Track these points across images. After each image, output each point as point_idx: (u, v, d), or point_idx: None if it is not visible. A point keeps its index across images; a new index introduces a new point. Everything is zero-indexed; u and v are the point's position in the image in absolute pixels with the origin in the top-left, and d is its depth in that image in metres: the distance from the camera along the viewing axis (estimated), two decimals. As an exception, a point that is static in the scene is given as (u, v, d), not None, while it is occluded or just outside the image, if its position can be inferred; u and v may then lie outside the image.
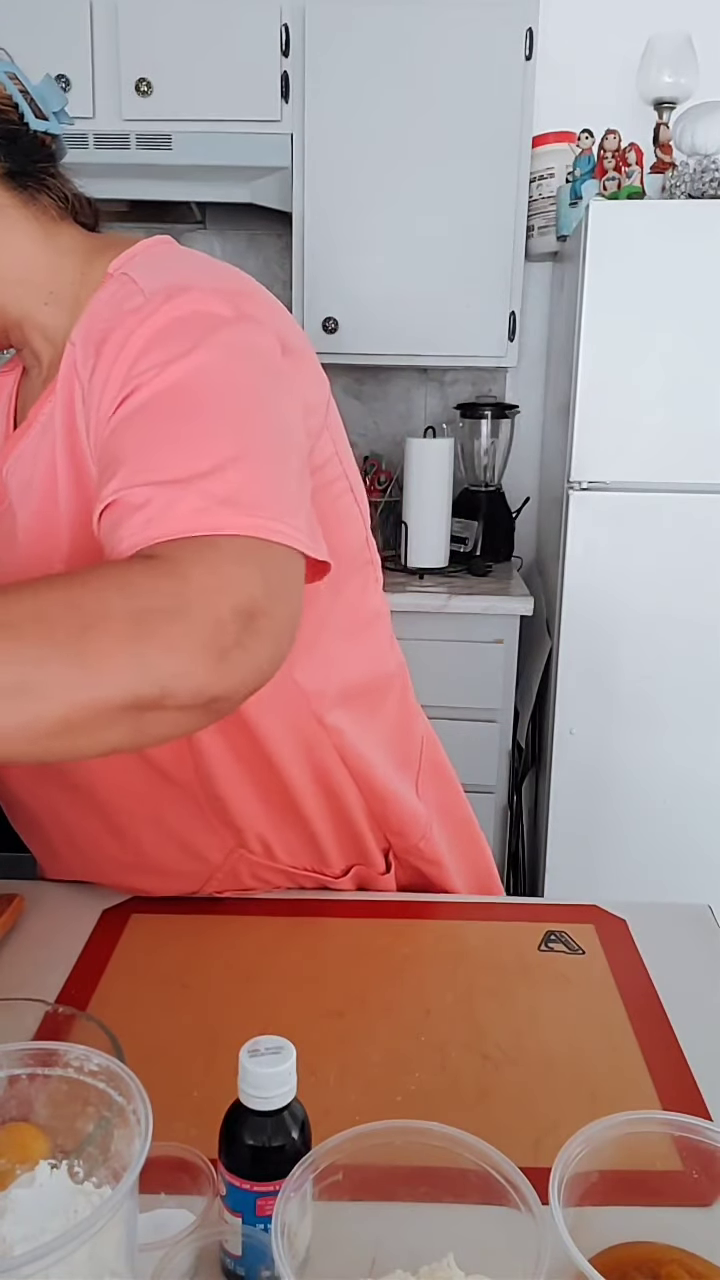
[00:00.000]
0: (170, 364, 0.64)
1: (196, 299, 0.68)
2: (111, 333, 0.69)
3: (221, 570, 0.57)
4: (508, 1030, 0.71)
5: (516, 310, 2.35)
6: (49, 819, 0.89)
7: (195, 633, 0.54)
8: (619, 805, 2.21)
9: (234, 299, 0.70)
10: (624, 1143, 0.49)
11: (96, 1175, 0.48)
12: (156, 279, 0.71)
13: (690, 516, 2.08)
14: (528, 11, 2.20)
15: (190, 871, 0.88)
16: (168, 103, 2.24)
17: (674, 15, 2.33)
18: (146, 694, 0.53)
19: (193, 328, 0.66)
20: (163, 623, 0.54)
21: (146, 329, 0.67)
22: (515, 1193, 0.45)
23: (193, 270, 0.74)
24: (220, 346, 0.66)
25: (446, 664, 2.22)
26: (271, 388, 0.68)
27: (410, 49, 2.22)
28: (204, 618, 0.55)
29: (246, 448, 0.63)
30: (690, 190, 2.01)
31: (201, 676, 0.55)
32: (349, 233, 2.32)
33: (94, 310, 0.73)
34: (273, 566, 0.60)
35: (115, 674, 0.52)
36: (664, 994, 0.76)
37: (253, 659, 0.57)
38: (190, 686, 0.54)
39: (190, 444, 0.62)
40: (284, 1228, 0.43)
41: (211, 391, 0.64)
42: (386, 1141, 0.49)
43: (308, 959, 0.80)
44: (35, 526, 0.75)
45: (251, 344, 0.69)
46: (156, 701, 0.54)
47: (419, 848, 0.93)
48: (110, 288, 0.74)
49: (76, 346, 0.73)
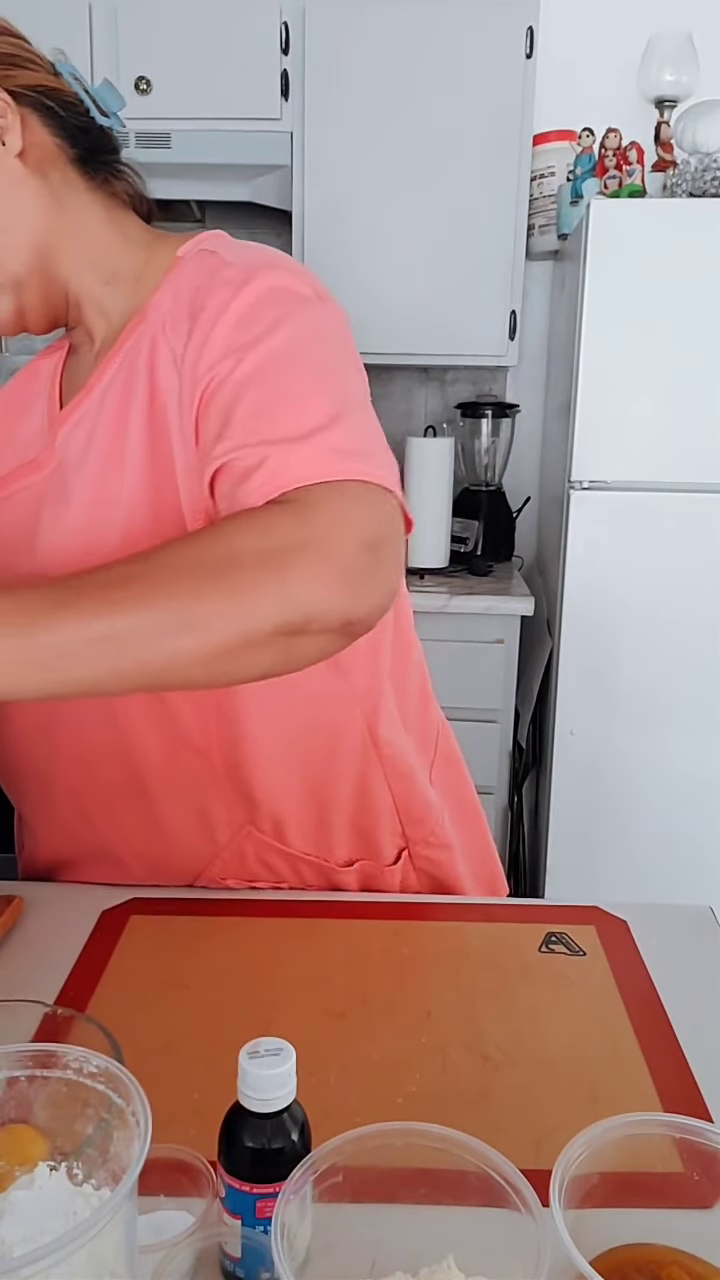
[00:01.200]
0: (267, 335, 0.72)
1: (283, 276, 0.76)
2: (208, 298, 0.75)
3: (345, 508, 0.64)
4: (508, 1032, 0.71)
5: (517, 309, 2.35)
6: (62, 779, 0.87)
7: (331, 564, 0.62)
8: (619, 805, 2.21)
9: (311, 281, 0.78)
10: (625, 1144, 0.49)
11: (96, 1177, 0.48)
12: (240, 255, 0.78)
13: (690, 516, 2.08)
14: (528, 10, 2.20)
15: (197, 848, 0.88)
16: (167, 101, 2.23)
17: (675, 13, 2.33)
18: (292, 620, 0.61)
19: (282, 301, 0.74)
20: (300, 557, 0.61)
21: (241, 301, 0.73)
22: (516, 1194, 0.45)
23: (269, 252, 0.81)
24: (306, 320, 0.74)
25: (447, 664, 2.22)
26: (350, 361, 0.77)
27: (410, 48, 2.22)
28: (337, 550, 0.62)
29: (345, 405, 0.70)
30: (691, 189, 2.01)
31: (340, 602, 0.62)
32: (349, 231, 2.32)
33: (181, 279, 0.79)
34: (384, 507, 0.67)
35: (264, 605, 0.60)
36: (665, 995, 0.76)
37: (382, 584, 0.65)
38: (331, 612, 0.62)
39: (295, 404, 0.69)
40: (284, 1230, 0.43)
41: (306, 358, 0.72)
42: (387, 1143, 0.48)
43: (308, 960, 0.80)
44: (93, 486, 0.78)
45: (331, 320, 0.77)
46: (301, 627, 0.62)
47: (435, 834, 0.95)
48: (193, 263, 0.80)
49: (165, 312, 0.78)
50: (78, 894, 0.89)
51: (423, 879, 0.96)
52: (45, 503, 0.81)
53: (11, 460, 0.87)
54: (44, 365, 0.91)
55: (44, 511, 0.81)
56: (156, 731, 0.83)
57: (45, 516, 0.80)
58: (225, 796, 0.86)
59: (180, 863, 0.89)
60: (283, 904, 0.88)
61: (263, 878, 0.91)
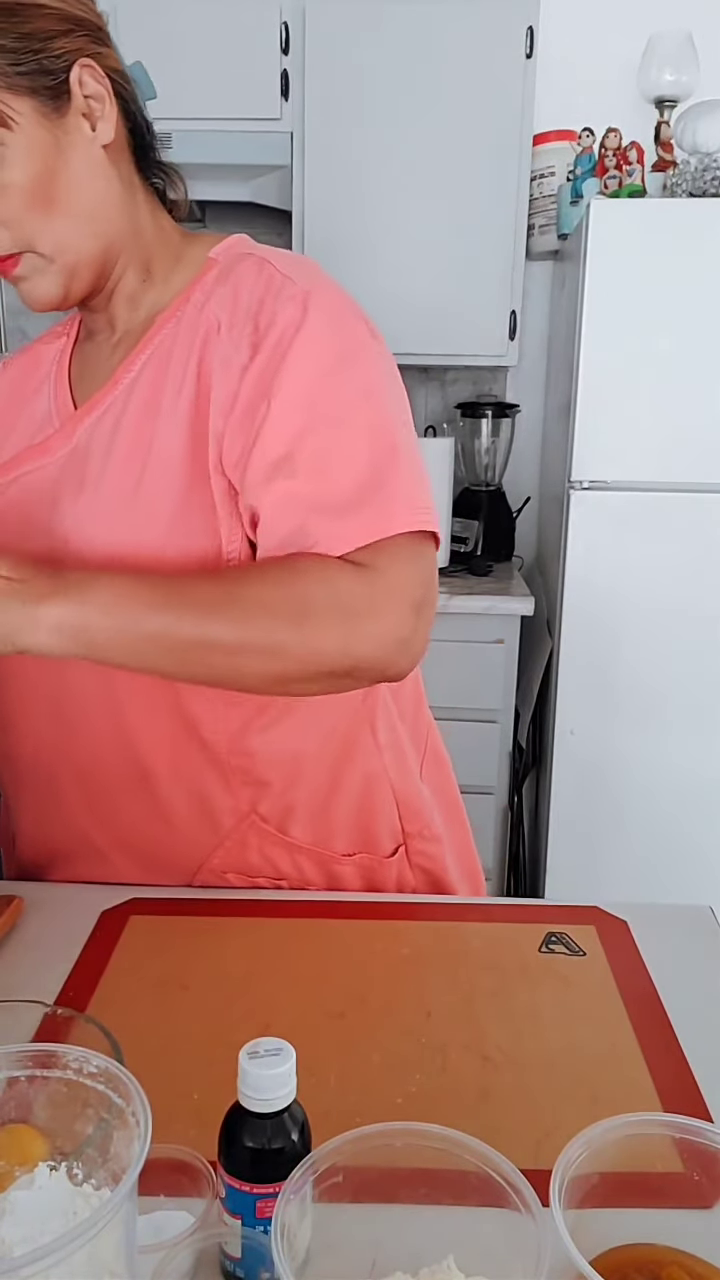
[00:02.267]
0: (341, 370, 0.77)
1: (337, 301, 0.81)
2: (276, 313, 0.78)
3: (400, 573, 0.74)
4: (508, 1032, 0.71)
5: (517, 309, 2.35)
6: (70, 767, 0.88)
7: (386, 627, 0.73)
8: (619, 805, 2.21)
9: (360, 313, 0.83)
10: (625, 1144, 0.49)
11: (95, 1177, 0.48)
12: (291, 268, 0.81)
13: (690, 516, 2.08)
14: (528, 10, 2.20)
15: (200, 836, 0.88)
16: (167, 101, 2.22)
17: (675, 13, 2.33)
18: (345, 666, 0.74)
19: (348, 335, 0.80)
20: (362, 620, 0.73)
21: (313, 327, 0.77)
22: (516, 1194, 0.45)
23: (310, 263, 0.84)
24: (372, 360, 0.80)
25: (447, 664, 2.22)
26: (403, 400, 0.82)
27: (410, 48, 2.22)
28: (392, 615, 0.74)
29: (400, 452, 0.77)
30: (691, 189, 2.01)
31: (386, 660, 0.75)
32: (349, 231, 2.32)
33: (240, 285, 0.81)
34: (427, 558, 0.77)
35: (329, 651, 0.73)
36: (665, 995, 0.76)
37: (421, 643, 0.76)
38: (378, 665, 0.75)
39: (354, 456, 0.76)
40: (284, 1230, 0.43)
41: (372, 406, 0.78)
42: (387, 1143, 0.48)
43: (307, 960, 0.80)
44: (119, 473, 0.80)
45: (384, 353, 0.82)
46: (351, 672, 0.74)
47: (429, 827, 0.96)
48: (247, 270, 0.82)
49: (217, 313, 0.80)
50: (78, 894, 0.89)
51: (418, 874, 0.97)
52: (63, 486, 0.82)
53: (18, 444, 0.88)
54: (46, 351, 0.92)
55: (61, 494, 0.82)
56: (167, 721, 0.84)
57: (64, 499, 0.82)
58: (232, 785, 0.87)
59: (183, 852, 0.89)
60: (283, 904, 0.88)
61: (262, 871, 0.91)
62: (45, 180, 0.76)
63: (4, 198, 0.75)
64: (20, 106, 0.73)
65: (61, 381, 0.89)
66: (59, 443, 0.84)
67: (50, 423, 0.87)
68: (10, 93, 0.73)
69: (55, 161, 0.76)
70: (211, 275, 0.83)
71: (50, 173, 0.76)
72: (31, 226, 0.76)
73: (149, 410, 0.81)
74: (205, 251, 0.85)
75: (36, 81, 0.74)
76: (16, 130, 0.74)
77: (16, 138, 0.74)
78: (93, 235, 0.80)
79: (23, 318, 2.72)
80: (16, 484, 0.86)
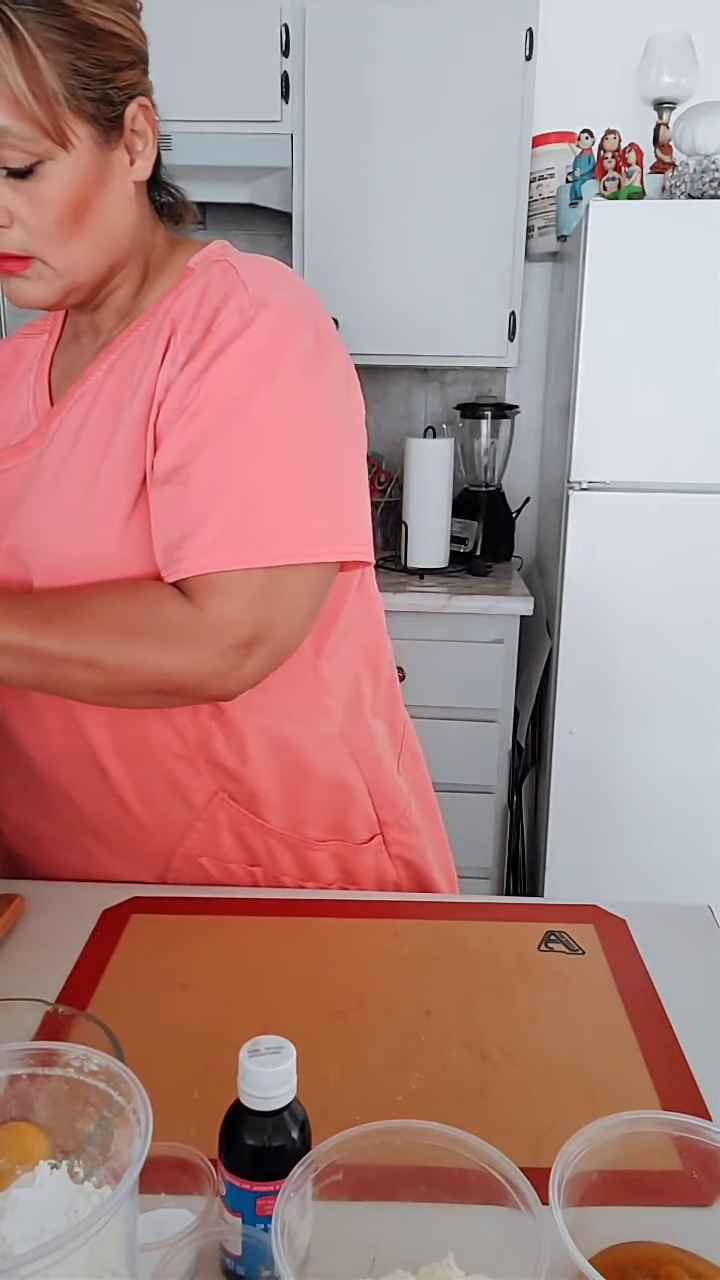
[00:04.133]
0: (258, 391, 0.76)
1: (289, 320, 0.79)
2: (223, 319, 0.78)
3: (229, 610, 0.75)
4: (508, 1030, 0.71)
5: (516, 310, 2.35)
6: (42, 752, 0.89)
7: (201, 660, 0.76)
8: (619, 805, 2.21)
9: (313, 315, 0.82)
10: (624, 1143, 0.49)
11: (96, 1175, 0.48)
12: (253, 278, 0.81)
13: (690, 516, 2.08)
14: (528, 11, 2.20)
15: (171, 815, 0.89)
16: (167, 103, 2.23)
17: (674, 15, 2.33)
18: (164, 688, 0.77)
19: (280, 349, 0.78)
20: (181, 646, 0.75)
21: (248, 342, 0.77)
22: (515, 1192, 0.45)
23: (279, 276, 0.83)
24: (300, 381, 0.78)
25: (446, 664, 2.23)
26: (341, 421, 0.82)
27: (410, 49, 2.22)
28: (209, 650, 0.76)
29: (307, 479, 0.77)
30: (690, 190, 2.01)
31: (204, 686, 0.77)
32: (349, 233, 2.32)
33: (207, 287, 0.81)
34: (285, 595, 0.77)
35: (143, 671, 0.76)
36: (664, 994, 0.76)
37: (246, 676, 0.77)
38: (195, 690, 0.78)
39: (248, 476, 0.76)
40: (284, 1227, 0.43)
41: (284, 425, 0.77)
42: (386, 1141, 0.49)
43: (308, 959, 0.80)
44: (79, 471, 0.81)
45: (325, 379, 0.80)
46: (172, 692, 0.78)
47: (406, 816, 0.98)
48: (215, 275, 0.82)
49: (181, 314, 0.81)
50: (78, 894, 0.89)
51: (398, 865, 0.98)
52: (31, 484, 0.83)
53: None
54: (28, 346, 0.93)
55: (28, 492, 0.83)
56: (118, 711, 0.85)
57: (28, 498, 0.83)
58: (197, 765, 0.88)
59: (157, 834, 0.90)
60: (283, 903, 0.88)
61: (236, 857, 0.91)
62: (80, 205, 0.76)
63: (40, 211, 0.75)
64: (80, 131, 0.74)
65: (42, 380, 0.90)
66: (35, 443, 0.85)
67: (29, 422, 0.88)
68: (76, 115, 0.74)
69: (95, 189, 0.77)
70: (186, 283, 0.84)
71: (87, 200, 0.77)
72: (52, 242, 0.77)
73: (114, 409, 0.82)
74: (186, 260, 0.87)
75: (99, 110, 0.75)
76: (72, 153, 0.74)
77: (69, 159, 0.74)
78: (105, 259, 0.81)
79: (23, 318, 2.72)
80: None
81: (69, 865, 0.93)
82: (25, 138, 0.72)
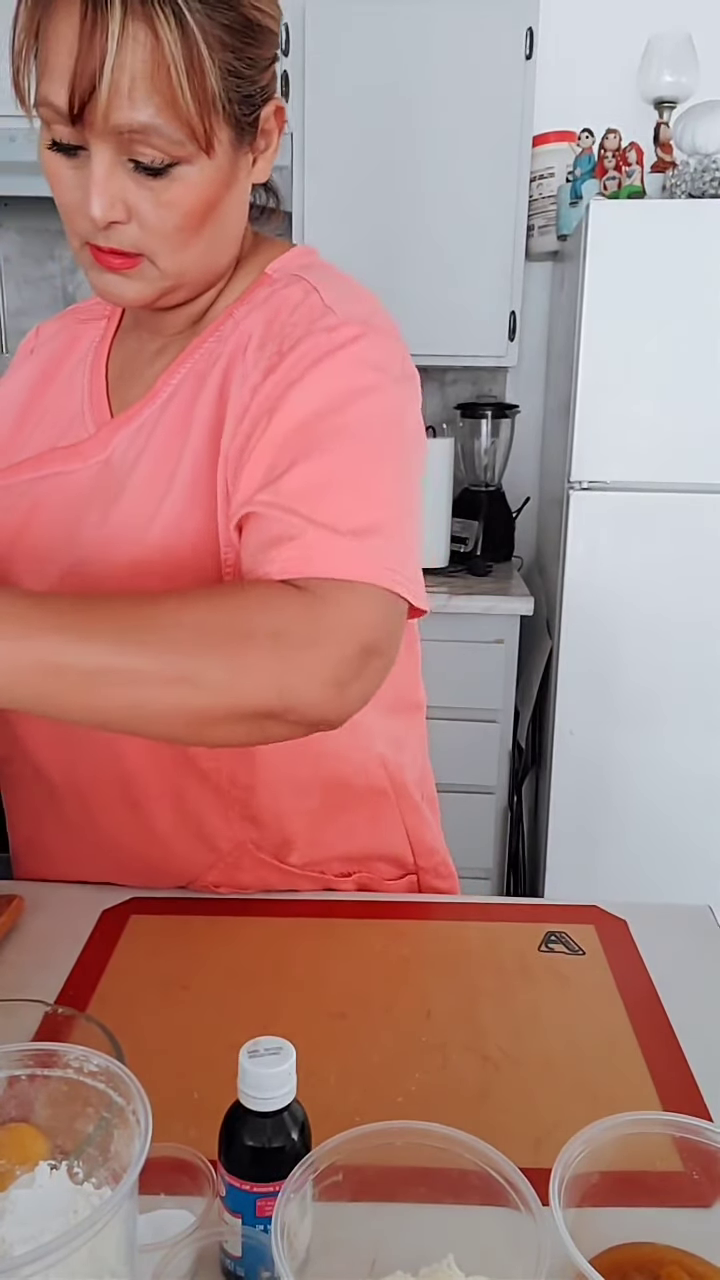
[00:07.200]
0: (350, 406, 0.71)
1: (377, 341, 0.75)
2: (302, 340, 0.73)
3: (354, 610, 0.66)
4: (508, 1031, 0.71)
5: (516, 310, 2.35)
6: (65, 780, 0.87)
7: (327, 666, 0.64)
8: (619, 805, 2.21)
9: (400, 348, 0.77)
10: (624, 1143, 0.49)
11: (96, 1176, 0.48)
12: (339, 299, 0.76)
13: (690, 516, 2.08)
14: (528, 11, 2.20)
15: (195, 857, 0.88)
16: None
17: (674, 14, 2.33)
18: (275, 706, 0.64)
19: (374, 375, 0.73)
20: (303, 653, 0.64)
21: (336, 361, 0.72)
22: (515, 1193, 0.45)
23: (365, 300, 0.79)
24: (390, 406, 0.74)
25: (446, 664, 2.22)
26: (416, 450, 0.78)
27: (410, 48, 2.22)
28: (335, 651, 0.65)
29: (396, 513, 0.71)
30: (691, 190, 2.01)
31: (322, 704, 0.65)
32: (349, 232, 2.32)
33: (280, 309, 0.77)
34: (392, 616, 0.70)
35: (260, 687, 0.63)
36: (664, 995, 0.76)
37: (362, 691, 0.67)
38: (312, 708, 0.65)
39: (350, 494, 0.69)
40: (284, 1228, 0.43)
41: (377, 451, 0.72)
42: (387, 1142, 0.49)
43: (308, 960, 0.80)
44: (141, 490, 0.78)
45: (409, 407, 0.77)
46: (280, 714, 0.64)
47: (446, 863, 0.97)
48: (293, 295, 0.77)
49: (248, 334, 0.77)
50: (78, 894, 0.89)
51: None
52: (93, 496, 0.80)
53: (49, 432, 0.84)
54: (85, 332, 0.89)
55: (91, 504, 0.79)
56: (165, 745, 0.80)
57: (93, 512, 0.79)
58: (229, 817, 0.86)
59: (177, 868, 0.89)
60: (283, 904, 0.88)
61: (255, 889, 0.90)
62: (205, 210, 0.71)
63: (163, 212, 0.69)
64: (222, 135, 0.69)
65: (98, 374, 0.85)
66: (93, 449, 0.81)
67: (82, 422, 0.83)
68: (222, 119, 0.68)
69: (222, 193, 0.72)
70: (261, 293, 0.80)
71: (213, 204, 0.71)
72: (168, 245, 0.72)
73: (180, 429, 0.78)
74: (263, 264, 0.82)
75: (241, 112, 0.69)
76: (212, 158, 0.69)
77: (207, 164, 0.69)
78: (214, 265, 0.77)
79: (23, 318, 2.72)
80: (45, 483, 0.82)
81: (100, 873, 0.91)
82: (171, 139, 0.66)
